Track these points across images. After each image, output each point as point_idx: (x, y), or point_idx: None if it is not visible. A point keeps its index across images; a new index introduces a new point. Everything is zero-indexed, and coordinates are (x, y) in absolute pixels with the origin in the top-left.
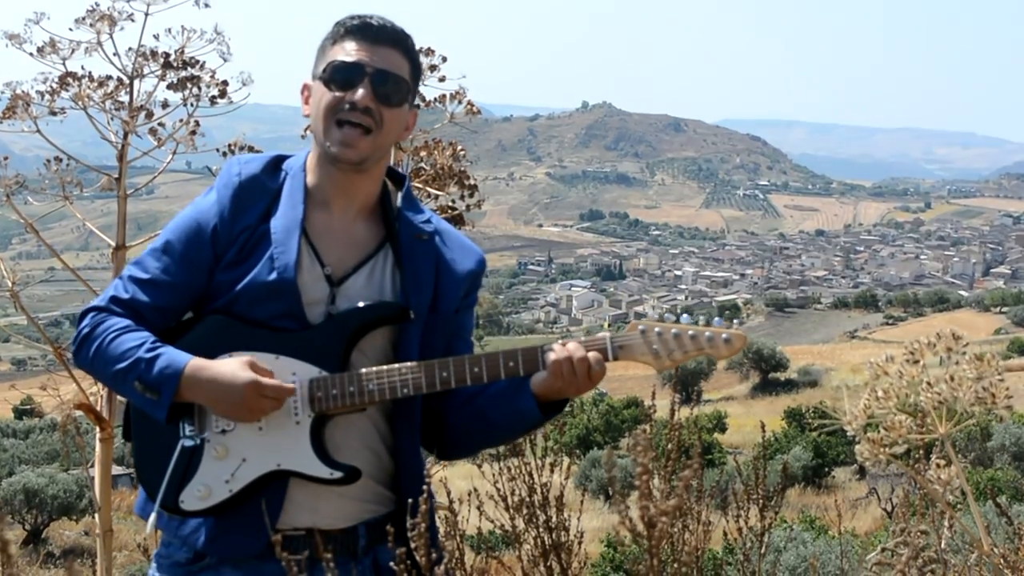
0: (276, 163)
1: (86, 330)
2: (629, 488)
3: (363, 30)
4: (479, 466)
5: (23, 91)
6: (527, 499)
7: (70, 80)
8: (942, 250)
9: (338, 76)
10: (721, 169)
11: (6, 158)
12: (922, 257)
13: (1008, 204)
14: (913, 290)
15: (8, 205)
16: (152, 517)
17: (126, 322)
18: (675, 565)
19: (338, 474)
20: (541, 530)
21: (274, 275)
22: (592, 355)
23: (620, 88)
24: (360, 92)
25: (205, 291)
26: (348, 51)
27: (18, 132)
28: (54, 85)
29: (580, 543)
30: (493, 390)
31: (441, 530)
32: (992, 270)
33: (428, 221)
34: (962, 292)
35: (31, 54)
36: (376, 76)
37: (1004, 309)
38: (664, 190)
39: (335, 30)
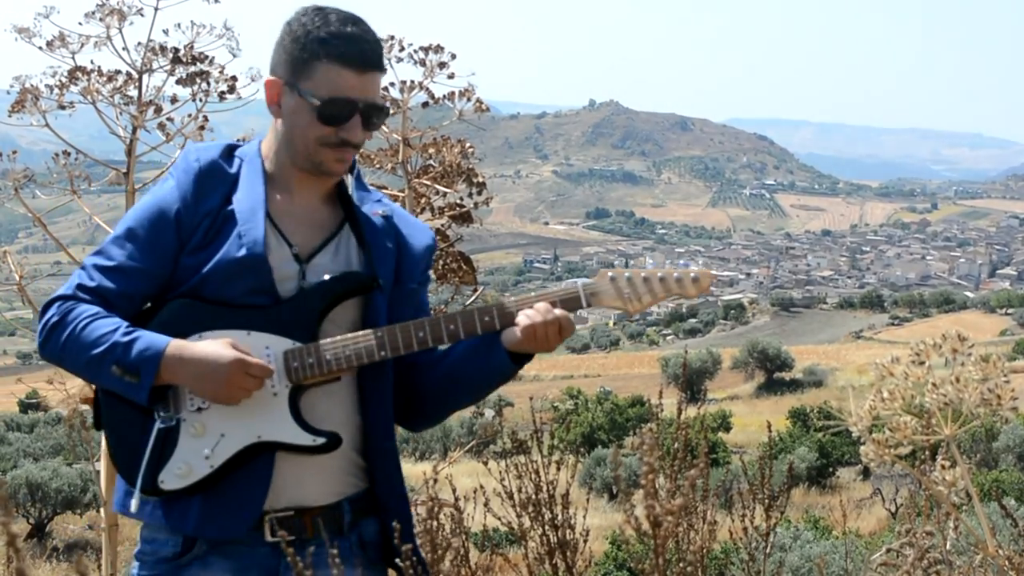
0: (231, 150)
1: (55, 319)
2: (634, 487)
3: (354, 59)
4: (485, 463)
5: (32, 85)
6: (533, 497)
7: (79, 74)
8: (948, 251)
9: (333, 114)
10: (727, 168)
11: (15, 152)
12: (928, 258)
13: (1015, 205)
14: (919, 291)
15: (16, 198)
16: (135, 500)
17: (96, 308)
18: (680, 564)
19: (321, 440)
20: (547, 527)
21: (243, 251)
22: (561, 314)
23: (627, 86)
24: (354, 131)
25: (169, 277)
26: (341, 83)
27: (27, 126)
28: (63, 79)
29: (586, 541)
30: (461, 350)
31: (447, 527)
32: (998, 271)
33: (380, 201)
34: (968, 293)
35: (40, 48)
36: (367, 110)
37: (1010, 310)
38: (670, 189)
39: (319, 47)
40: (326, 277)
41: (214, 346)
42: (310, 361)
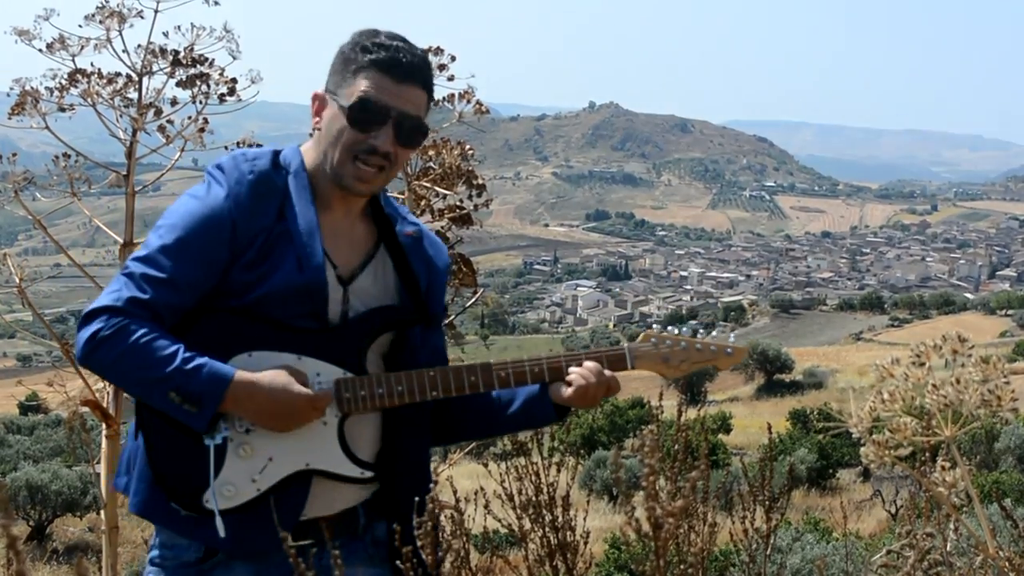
0: (276, 158)
1: (105, 332)
2: (635, 488)
3: (391, 66)
4: (485, 465)
5: (32, 87)
6: (534, 498)
7: (79, 77)
8: (948, 252)
9: (363, 117)
10: (727, 170)
11: (14, 154)
12: (928, 259)
13: (1014, 207)
14: (919, 292)
15: (16, 201)
16: (220, 526)
17: (149, 326)
18: (681, 566)
19: (369, 474)
20: (547, 529)
21: (306, 277)
22: (611, 376)
23: (627, 88)
24: (383, 138)
25: (212, 289)
26: (374, 89)
27: (27, 128)
28: (63, 81)
29: (586, 543)
30: (501, 392)
31: (447, 529)
32: (998, 273)
33: (404, 219)
34: (968, 295)
35: (40, 50)
36: (400, 120)
37: (1010, 312)
38: (670, 191)
39: (361, 55)
40: (381, 306)
41: (280, 380)
42: (362, 394)
